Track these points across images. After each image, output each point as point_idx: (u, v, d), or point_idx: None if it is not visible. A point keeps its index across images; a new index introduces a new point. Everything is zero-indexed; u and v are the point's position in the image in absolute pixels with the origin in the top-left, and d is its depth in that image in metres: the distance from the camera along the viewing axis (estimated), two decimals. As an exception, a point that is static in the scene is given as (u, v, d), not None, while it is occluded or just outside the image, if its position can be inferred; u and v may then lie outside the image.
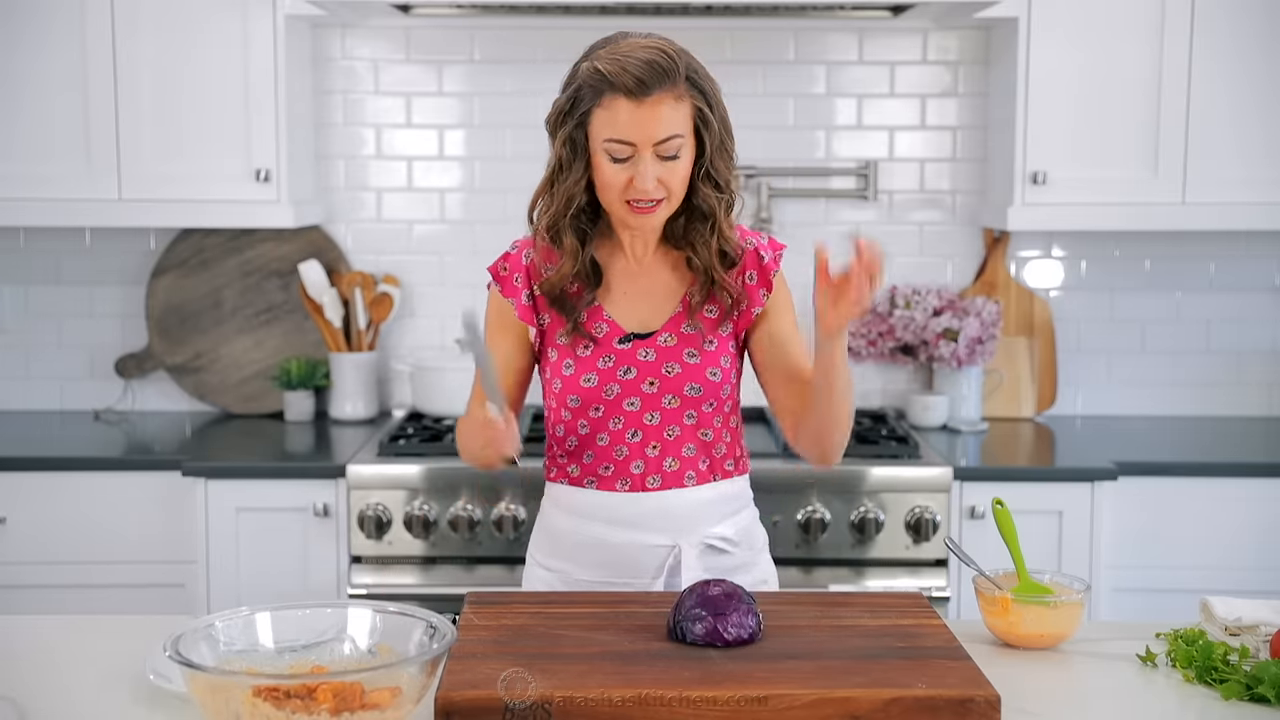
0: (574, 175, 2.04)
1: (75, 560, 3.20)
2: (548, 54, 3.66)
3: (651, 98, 1.96)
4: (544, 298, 2.11)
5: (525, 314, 2.12)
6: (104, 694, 1.76)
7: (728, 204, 2.09)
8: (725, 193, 2.07)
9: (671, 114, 1.98)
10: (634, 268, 2.13)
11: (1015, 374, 3.71)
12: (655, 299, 2.12)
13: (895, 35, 3.68)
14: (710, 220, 2.08)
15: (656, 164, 1.99)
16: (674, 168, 2.01)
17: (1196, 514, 3.20)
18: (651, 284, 2.13)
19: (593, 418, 2.10)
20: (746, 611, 1.78)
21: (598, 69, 1.98)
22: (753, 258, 2.13)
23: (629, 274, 2.13)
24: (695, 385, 2.09)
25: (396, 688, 1.54)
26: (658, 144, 1.98)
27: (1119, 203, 3.38)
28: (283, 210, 3.39)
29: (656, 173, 1.99)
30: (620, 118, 1.97)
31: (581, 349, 2.10)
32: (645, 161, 1.99)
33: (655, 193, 2.00)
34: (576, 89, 2.02)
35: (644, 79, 1.95)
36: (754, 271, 2.13)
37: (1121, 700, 1.77)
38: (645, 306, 2.12)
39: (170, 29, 3.33)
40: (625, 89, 1.96)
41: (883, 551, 3.10)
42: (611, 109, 1.98)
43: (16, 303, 3.77)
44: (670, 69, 1.97)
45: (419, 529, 3.09)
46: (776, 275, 2.14)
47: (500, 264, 2.16)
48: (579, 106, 2.01)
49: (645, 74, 1.95)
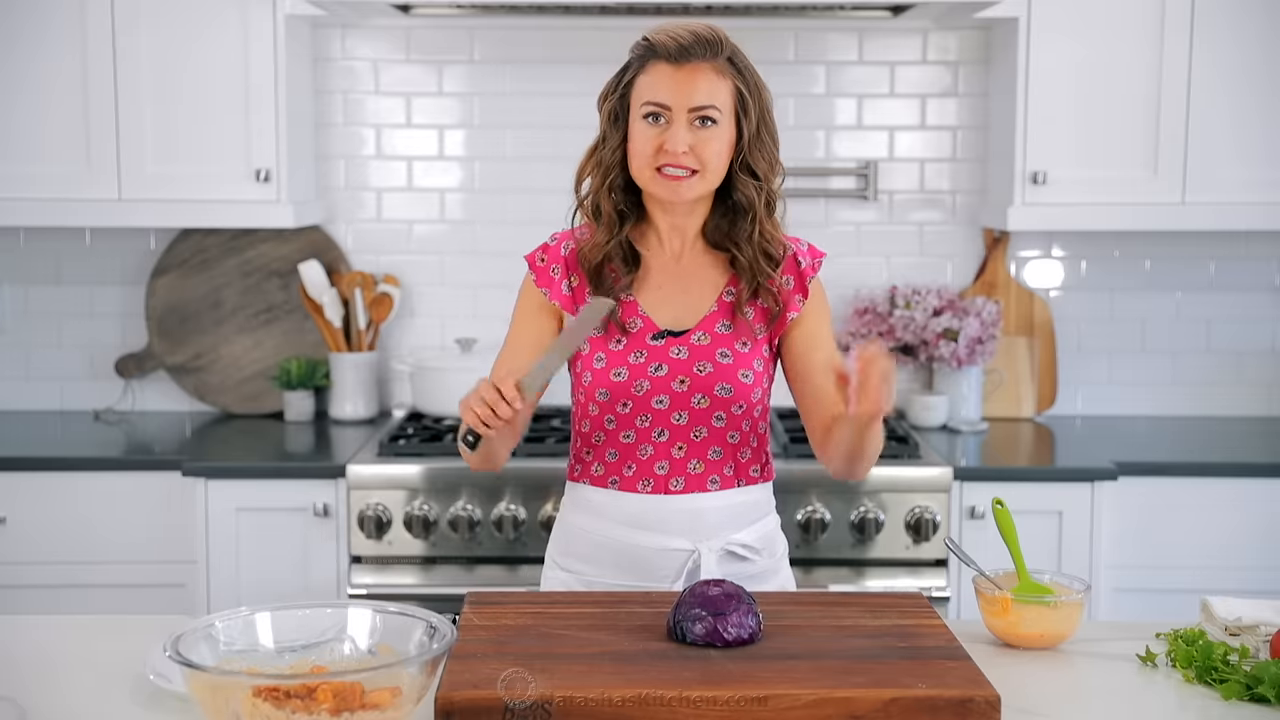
0: (612, 144, 2.09)
1: (75, 560, 3.20)
2: (548, 54, 3.66)
3: (691, 64, 2.02)
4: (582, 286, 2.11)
5: (567, 304, 2.12)
6: (104, 694, 1.76)
7: (768, 199, 2.10)
8: (764, 185, 2.08)
9: (710, 84, 2.02)
10: (671, 264, 2.13)
11: (1015, 374, 3.72)
12: (691, 297, 2.12)
13: (895, 35, 3.68)
14: (750, 214, 2.09)
15: (689, 130, 2.02)
16: (707, 138, 2.02)
17: (1196, 514, 3.20)
18: (688, 281, 2.13)
19: (620, 413, 2.10)
20: (746, 611, 1.77)
21: (645, 38, 2.06)
22: (791, 263, 2.13)
23: (666, 269, 2.13)
24: (726, 386, 2.08)
25: (396, 688, 1.54)
26: (692, 109, 2.01)
27: (1119, 203, 3.38)
28: (283, 210, 3.39)
29: (688, 140, 2.02)
30: (659, 81, 2.03)
31: (614, 343, 2.10)
32: (678, 125, 2.02)
33: (686, 160, 2.02)
34: (625, 64, 2.09)
35: (686, 46, 2.01)
36: (791, 277, 2.13)
37: (1121, 700, 1.77)
38: (681, 304, 2.12)
39: (170, 29, 3.33)
40: (667, 54, 2.02)
41: (883, 551, 3.10)
42: (652, 74, 2.04)
43: (16, 303, 3.77)
44: (714, 42, 2.03)
45: (419, 529, 3.09)
46: (813, 282, 2.15)
47: (538, 254, 2.16)
48: (624, 77, 2.08)
49: (688, 41, 2.02)
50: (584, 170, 2.13)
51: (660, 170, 2.03)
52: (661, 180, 2.04)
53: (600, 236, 2.10)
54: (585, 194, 2.13)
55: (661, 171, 2.03)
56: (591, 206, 2.12)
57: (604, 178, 2.10)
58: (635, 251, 2.13)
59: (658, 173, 2.04)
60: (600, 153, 2.11)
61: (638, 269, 2.12)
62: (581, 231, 2.15)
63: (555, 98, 3.65)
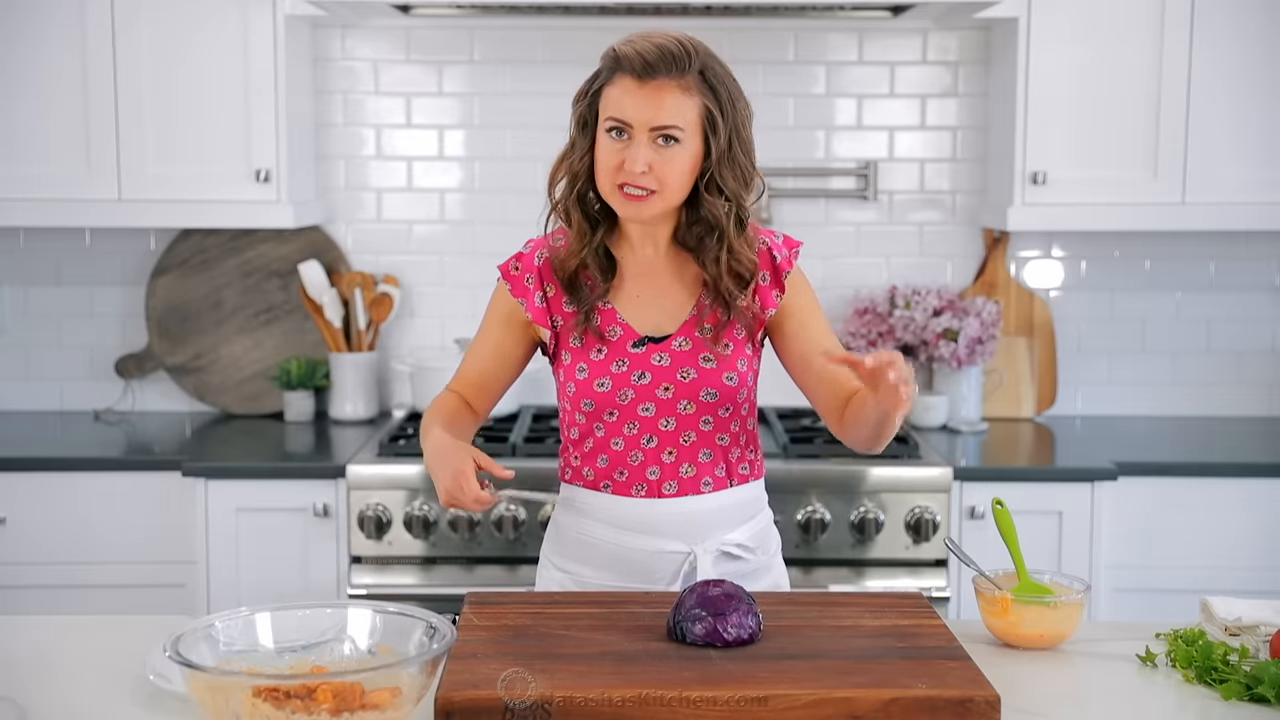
0: (579, 152, 2.05)
1: (75, 560, 3.20)
2: (547, 54, 3.66)
3: (655, 81, 1.97)
4: (558, 295, 2.10)
5: (539, 316, 2.10)
6: (104, 694, 1.76)
7: (737, 219, 2.05)
8: (732, 204, 2.03)
9: (675, 103, 1.97)
10: (646, 268, 2.11)
11: (1015, 374, 3.72)
12: (668, 301, 2.10)
13: (895, 35, 3.68)
14: (717, 233, 2.04)
15: (650, 149, 1.97)
16: (669, 158, 1.98)
17: (1196, 514, 3.20)
18: (665, 286, 2.10)
19: (608, 422, 2.09)
20: (746, 611, 1.77)
21: (614, 49, 2.01)
22: (765, 257, 2.10)
23: (641, 275, 2.11)
24: (711, 390, 2.07)
25: (396, 688, 1.54)
26: (654, 129, 1.97)
27: (1119, 203, 3.38)
28: (283, 210, 3.39)
29: (648, 158, 1.97)
30: (624, 97, 1.98)
31: (595, 352, 2.08)
32: (638, 144, 1.97)
33: (645, 180, 1.98)
34: (596, 70, 2.05)
35: (651, 62, 1.96)
36: (767, 272, 2.10)
37: (1121, 700, 1.77)
38: (658, 310, 2.10)
39: (170, 29, 3.33)
40: (632, 69, 1.97)
41: (883, 551, 3.10)
42: (618, 87, 1.99)
43: (16, 303, 3.77)
44: (681, 58, 1.97)
45: (419, 529, 3.09)
46: (790, 276, 2.11)
47: (512, 263, 2.14)
48: (593, 85, 2.04)
49: (654, 57, 1.96)
50: (556, 174, 2.09)
51: (620, 188, 2.00)
52: (622, 198, 2.01)
53: (574, 245, 2.08)
54: (558, 199, 2.10)
55: (622, 189, 2.00)
56: (564, 212, 2.09)
57: (572, 185, 2.06)
58: (611, 258, 2.10)
59: (618, 189, 2.00)
60: (570, 159, 2.07)
61: (614, 276, 2.10)
62: (555, 238, 2.13)
63: (555, 98, 3.60)
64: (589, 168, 2.04)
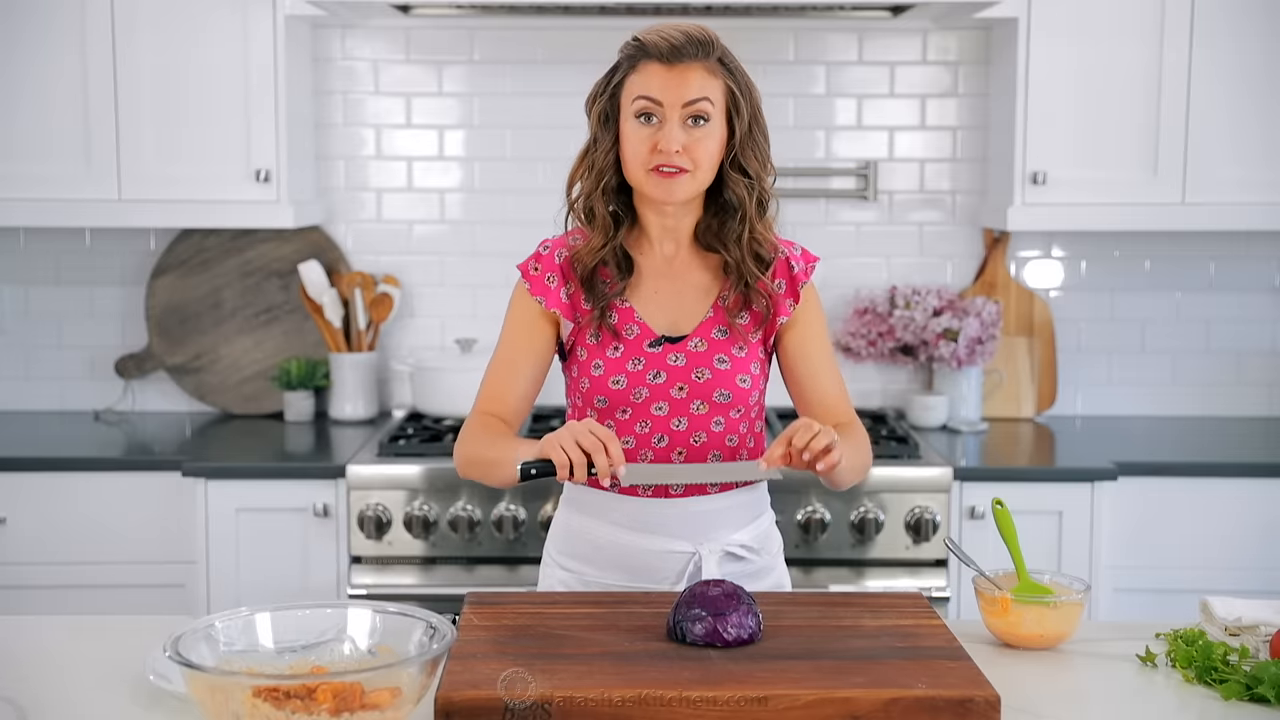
0: (604, 146, 2.07)
1: (75, 560, 3.20)
2: (547, 54, 3.66)
3: (683, 64, 2.02)
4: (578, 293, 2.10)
5: (565, 310, 2.11)
6: (104, 694, 1.76)
7: (759, 199, 2.09)
8: (756, 184, 2.08)
9: (702, 81, 2.02)
10: (664, 268, 2.12)
11: (1015, 374, 3.72)
12: (686, 302, 2.12)
13: (895, 35, 3.68)
14: (740, 213, 2.08)
15: (682, 129, 2.01)
16: (700, 137, 2.02)
17: (1196, 514, 3.20)
18: (683, 286, 2.12)
19: (619, 419, 2.09)
20: (746, 611, 1.78)
21: (635, 38, 2.05)
22: (783, 266, 2.13)
23: (659, 274, 2.12)
24: (725, 392, 2.08)
25: (396, 688, 1.54)
26: (686, 105, 2.01)
27: (1119, 203, 3.38)
28: (283, 210, 3.39)
29: (682, 138, 2.01)
30: (651, 80, 2.02)
31: (611, 350, 2.09)
32: (671, 123, 2.01)
33: (678, 159, 2.01)
34: (614, 65, 2.08)
35: (678, 46, 2.01)
36: (783, 280, 2.13)
37: (1121, 700, 1.77)
38: (676, 309, 2.11)
39: (170, 29, 3.33)
40: (659, 54, 2.02)
41: (883, 552, 3.10)
42: (644, 73, 2.03)
43: (16, 303, 3.77)
44: (705, 43, 2.03)
45: (419, 529, 3.09)
46: (805, 287, 2.14)
47: (531, 263, 2.14)
48: (613, 78, 2.07)
49: (680, 41, 2.01)
50: (576, 174, 2.12)
51: (654, 170, 2.03)
52: (656, 179, 2.03)
53: (596, 240, 2.09)
54: (577, 197, 2.12)
55: (657, 171, 2.03)
56: (585, 210, 2.10)
57: (597, 181, 2.08)
58: (629, 256, 2.12)
59: (652, 172, 2.03)
60: (593, 155, 2.09)
61: (631, 274, 2.11)
62: (574, 237, 2.14)
63: (555, 98, 3.65)
64: (614, 161, 2.07)
